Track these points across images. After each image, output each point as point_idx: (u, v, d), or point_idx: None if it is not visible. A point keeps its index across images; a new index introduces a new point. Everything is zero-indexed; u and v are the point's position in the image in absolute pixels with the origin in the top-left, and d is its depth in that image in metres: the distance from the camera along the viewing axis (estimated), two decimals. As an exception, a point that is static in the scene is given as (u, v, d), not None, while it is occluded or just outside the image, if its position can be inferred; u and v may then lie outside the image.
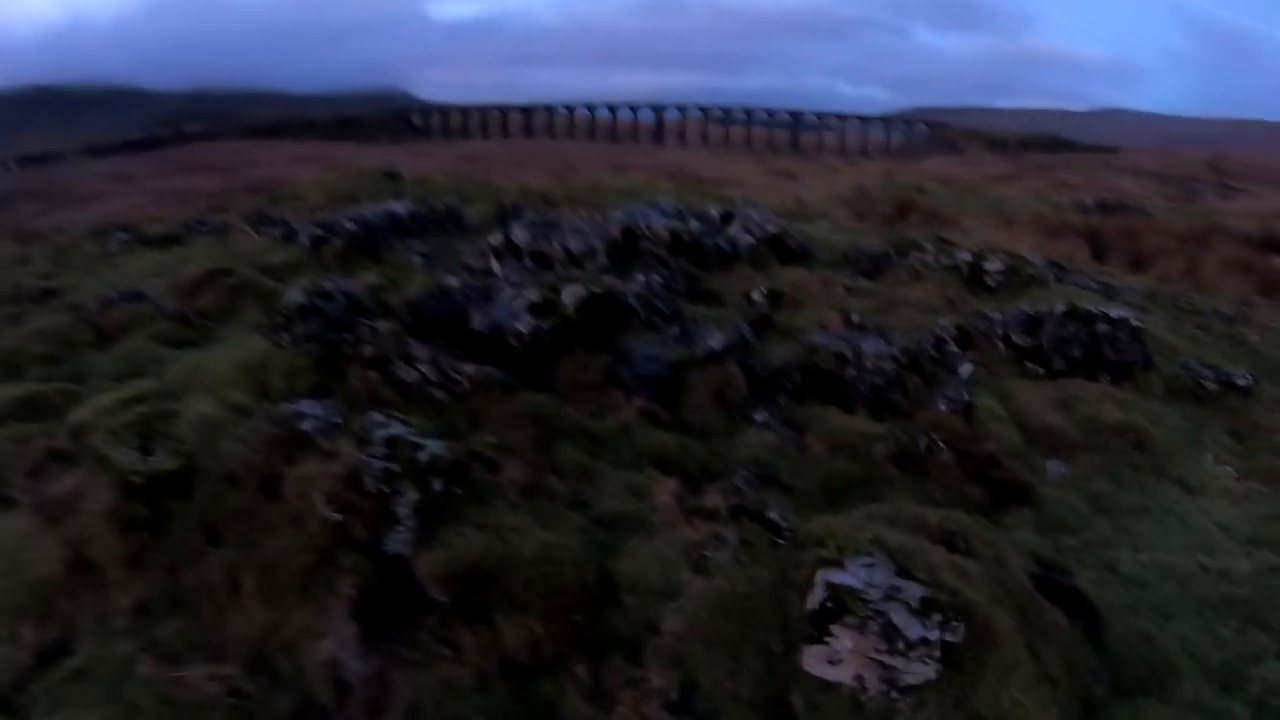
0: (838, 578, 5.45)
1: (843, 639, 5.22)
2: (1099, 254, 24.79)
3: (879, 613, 5.21)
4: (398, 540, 6.15)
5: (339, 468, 6.49)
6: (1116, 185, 58.96)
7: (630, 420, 8.62)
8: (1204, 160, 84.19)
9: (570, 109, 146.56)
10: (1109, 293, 16.37)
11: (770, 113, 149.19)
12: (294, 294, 10.23)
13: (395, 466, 6.43)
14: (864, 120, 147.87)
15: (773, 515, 6.55)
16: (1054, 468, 9.19)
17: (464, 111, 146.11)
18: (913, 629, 5.16)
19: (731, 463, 8.27)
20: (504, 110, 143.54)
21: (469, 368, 8.77)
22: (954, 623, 5.28)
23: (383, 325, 9.40)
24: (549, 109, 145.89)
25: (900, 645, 5.13)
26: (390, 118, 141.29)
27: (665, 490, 7.15)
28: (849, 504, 7.54)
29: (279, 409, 7.60)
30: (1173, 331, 14.34)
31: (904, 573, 5.58)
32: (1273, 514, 8.99)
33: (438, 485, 6.45)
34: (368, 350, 9.06)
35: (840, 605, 5.29)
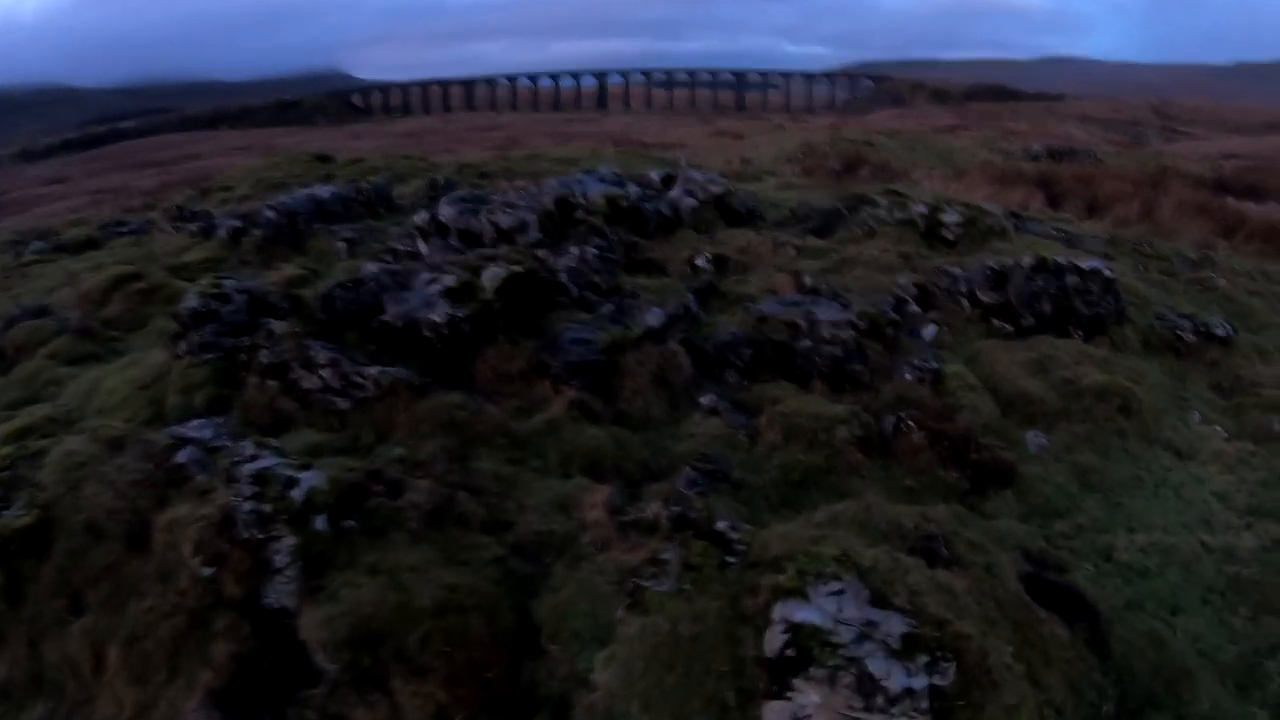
0: (800, 614, 4.51)
1: (809, 693, 4.26)
2: (1053, 201, 24.20)
3: (851, 660, 4.27)
4: (278, 593, 5.23)
5: (211, 510, 5.55)
6: (1064, 132, 59.04)
7: (558, 416, 7.60)
8: (1149, 105, 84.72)
9: (512, 80, 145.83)
10: (1070, 241, 15.65)
11: (714, 74, 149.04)
12: (190, 298, 9.19)
13: (267, 507, 5.47)
14: (808, 77, 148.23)
15: (721, 526, 5.59)
16: (1034, 439, 8.33)
17: (404, 89, 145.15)
18: (894, 678, 4.22)
19: (674, 458, 7.30)
20: (444, 85, 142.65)
21: (374, 370, 7.75)
22: (943, 663, 4.37)
23: (280, 327, 8.37)
24: (490, 81, 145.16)
25: (880, 700, 4.19)
26: (330, 99, 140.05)
27: (596, 501, 6.18)
28: (809, 501, 6.71)
29: (155, 439, 6.65)
30: (1140, 279, 13.61)
31: (879, 599, 4.67)
32: (1271, 478, 8.27)
33: (321, 524, 5.50)
34: (265, 357, 8.07)
35: (804, 652, 4.35)
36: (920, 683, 4.26)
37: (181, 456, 6.34)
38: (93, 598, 5.68)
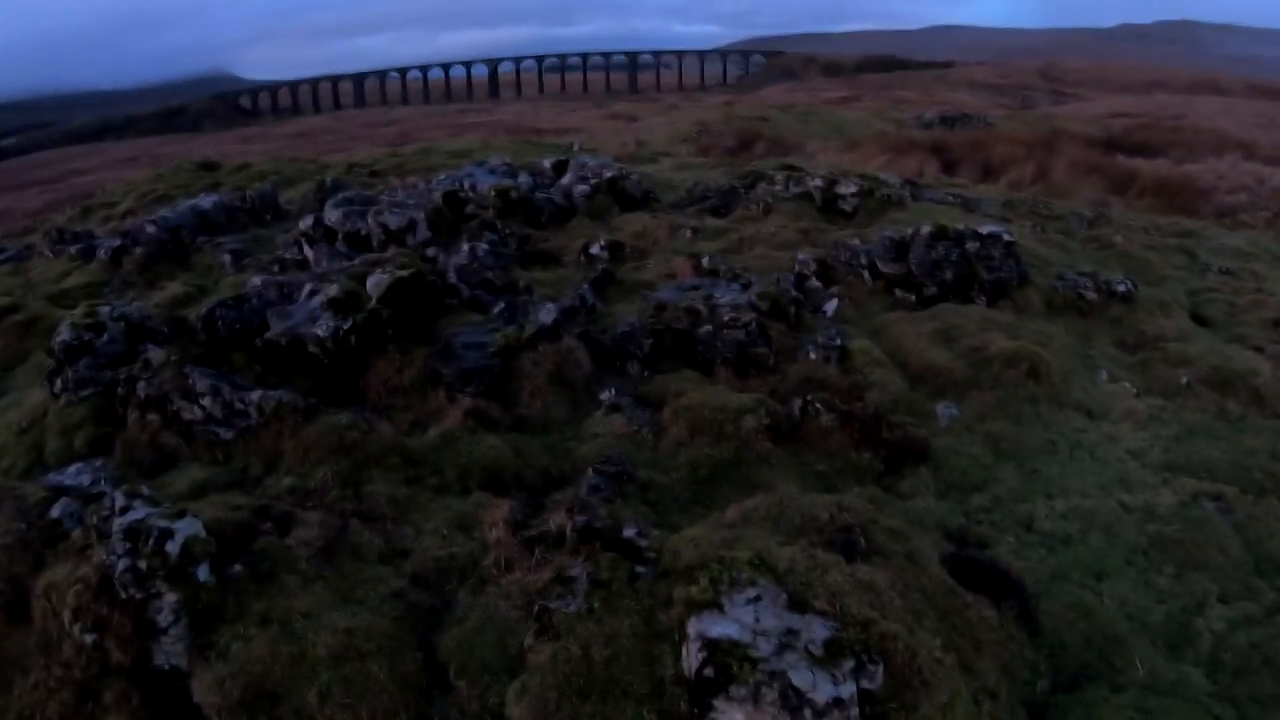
0: (716, 628, 4.25)
1: (732, 713, 4.00)
2: (948, 167, 24.46)
3: (774, 674, 4.01)
4: (166, 654, 4.86)
5: (89, 570, 5.14)
6: (954, 99, 59.83)
7: (454, 427, 7.25)
8: (1036, 69, 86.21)
9: (402, 73, 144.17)
10: (967, 205, 15.70)
11: (606, 56, 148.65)
12: (63, 332, 8.68)
13: (143, 564, 5.04)
14: (700, 55, 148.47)
15: (629, 534, 5.33)
16: (944, 411, 8.19)
17: (293, 88, 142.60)
18: (820, 688, 3.97)
19: (577, 462, 7.01)
20: (334, 81, 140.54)
21: (256, 395, 7.33)
22: (870, 666, 4.15)
23: (157, 356, 7.92)
24: (381, 75, 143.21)
25: (807, 714, 3.93)
26: (217, 103, 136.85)
27: (497, 518, 5.85)
28: (719, 498, 6.48)
29: (29, 492, 6.18)
30: (1039, 241, 13.67)
31: (798, 603, 4.43)
32: (1182, 432, 8.29)
33: (204, 575, 5.11)
34: (144, 389, 7.60)
35: (723, 670, 4.08)
36: (848, 690, 4.03)
37: (56, 510, 5.91)
38: (-25, 677, 5.26)
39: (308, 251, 11.92)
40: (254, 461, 6.99)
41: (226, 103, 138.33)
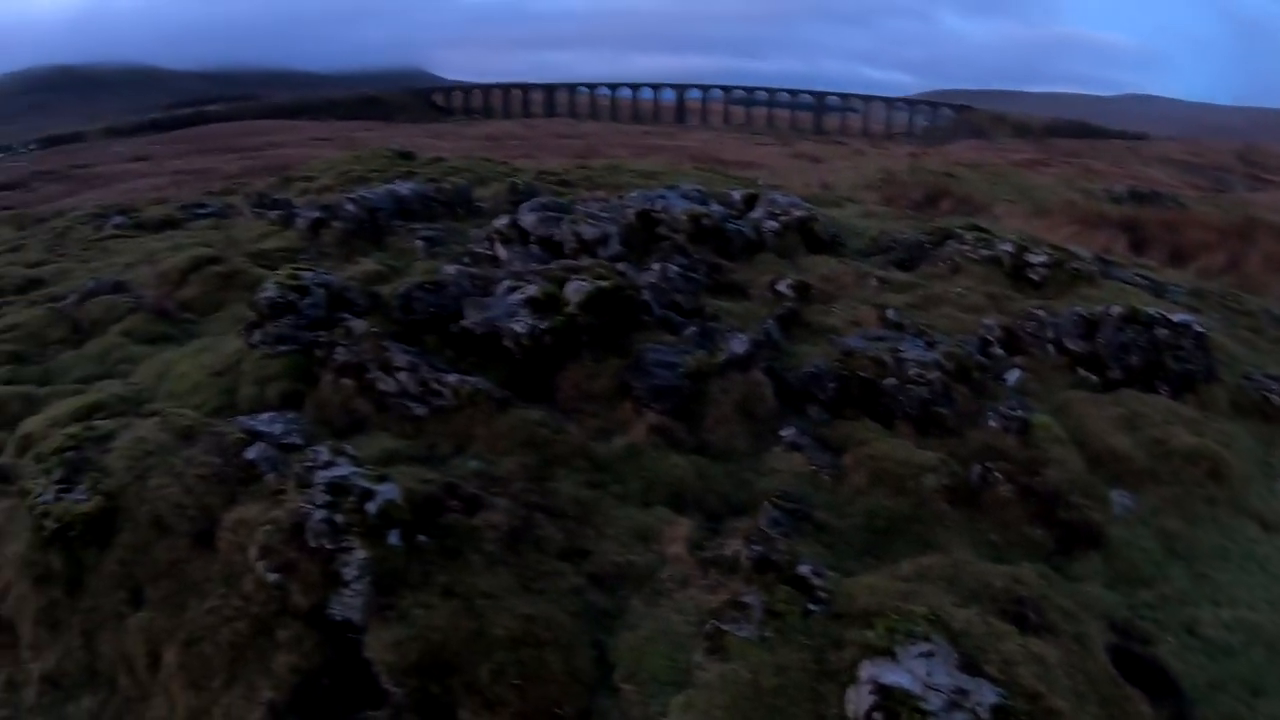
0: (888, 676, 4.33)
1: (897, 761, 4.09)
2: (1137, 245, 23.63)
3: (943, 730, 4.09)
4: (345, 607, 5.12)
5: (281, 514, 5.44)
6: (1145, 173, 57.93)
7: (640, 440, 7.42)
8: (1232, 150, 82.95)
9: (591, 89, 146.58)
10: (1155, 289, 15.20)
11: (793, 94, 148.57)
12: (268, 288, 9.18)
13: (340, 517, 5.35)
14: (888, 103, 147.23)
15: (804, 570, 5.42)
16: (1120, 499, 8.02)
17: (485, 91, 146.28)
18: (986, 754, 4.04)
19: (757, 494, 7.04)
20: (525, 90, 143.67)
21: (453, 378, 7.65)
22: (1034, 740, 4.18)
23: (358, 326, 8.32)
24: (571, 89, 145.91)
25: (970, 776, 4.00)
26: (412, 97, 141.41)
27: (677, 535, 6.02)
28: (894, 551, 6.48)
29: (226, 431, 6.58)
30: (1228, 335, 13.18)
31: (970, 665, 4.48)
32: (1358, 558, 7.93)
33: (394, 539, 5.38)
34: (342, 355, 8.02)
35: (892, 717, 4.17)
36: (1011, 761, 4.08)
37: (252, 453, 6.29)
38: (153, 594, 5.63)
39: (500, 249, 12.29)
40: (443, 441, 7.28)
41: (421, 98, 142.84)
